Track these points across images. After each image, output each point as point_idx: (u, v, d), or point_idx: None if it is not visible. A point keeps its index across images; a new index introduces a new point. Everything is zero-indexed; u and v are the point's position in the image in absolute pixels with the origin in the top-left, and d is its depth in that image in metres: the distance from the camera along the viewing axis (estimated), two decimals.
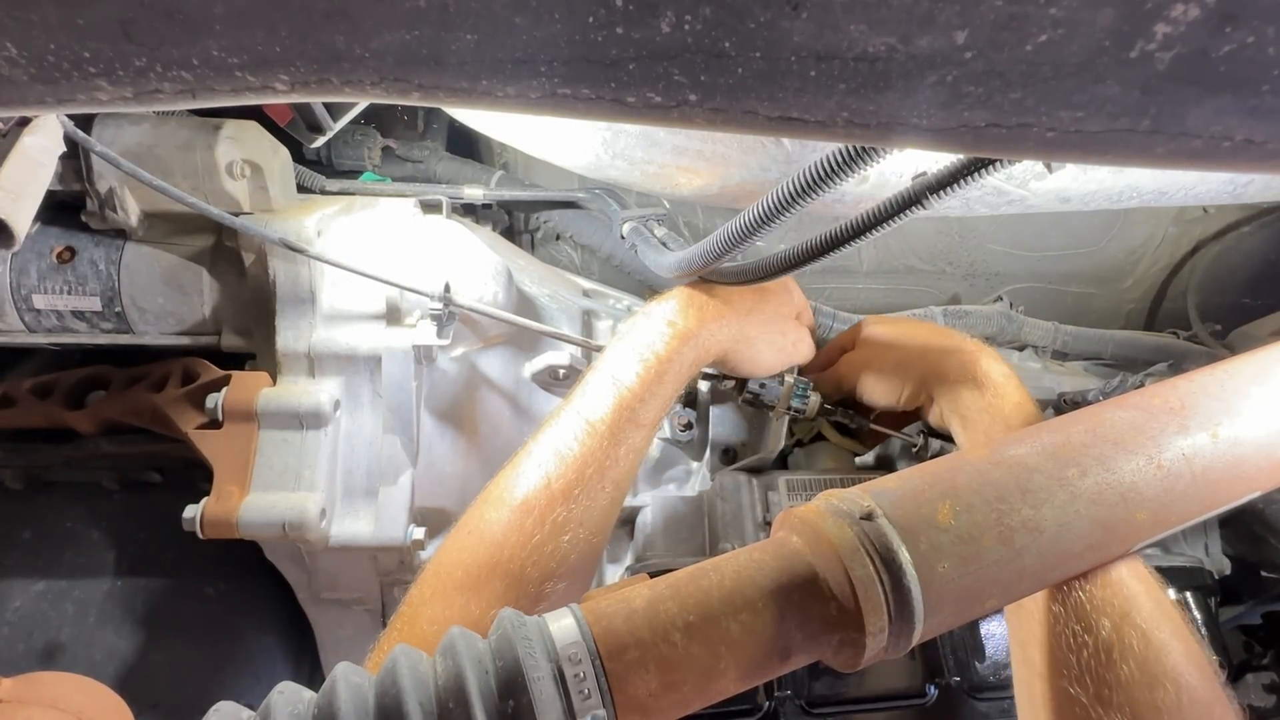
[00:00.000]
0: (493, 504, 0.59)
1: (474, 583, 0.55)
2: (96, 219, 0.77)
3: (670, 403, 0.67)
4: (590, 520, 0.60)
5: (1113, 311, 1.15)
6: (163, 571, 0.85)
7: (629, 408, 0.62)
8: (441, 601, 0.54)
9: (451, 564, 0.57)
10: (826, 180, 0.48)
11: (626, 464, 0.63)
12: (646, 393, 0.63)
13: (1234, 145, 0.29)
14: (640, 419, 0.63)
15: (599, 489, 0.61)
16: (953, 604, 0.41)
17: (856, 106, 0.29)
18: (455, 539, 0.59)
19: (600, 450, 0.61)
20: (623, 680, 0.36)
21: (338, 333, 0.78)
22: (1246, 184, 0.65)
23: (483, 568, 0.55)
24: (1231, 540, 0.87)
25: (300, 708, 0.35)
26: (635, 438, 0.63)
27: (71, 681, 0.41)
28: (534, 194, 0.95)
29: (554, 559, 0.57)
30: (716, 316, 0.69)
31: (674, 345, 0.65)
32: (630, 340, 0.66)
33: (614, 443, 0.61)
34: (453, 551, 0.58)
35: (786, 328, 0.76)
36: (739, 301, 0.71)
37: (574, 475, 0.59)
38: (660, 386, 0.64)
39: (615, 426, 0.62)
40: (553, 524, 0.57)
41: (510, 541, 0.56)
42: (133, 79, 0.30)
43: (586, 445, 0.61)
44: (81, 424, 0.81)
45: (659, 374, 0.64)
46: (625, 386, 0.63)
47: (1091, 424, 0.48)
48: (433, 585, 0.56)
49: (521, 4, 0.27)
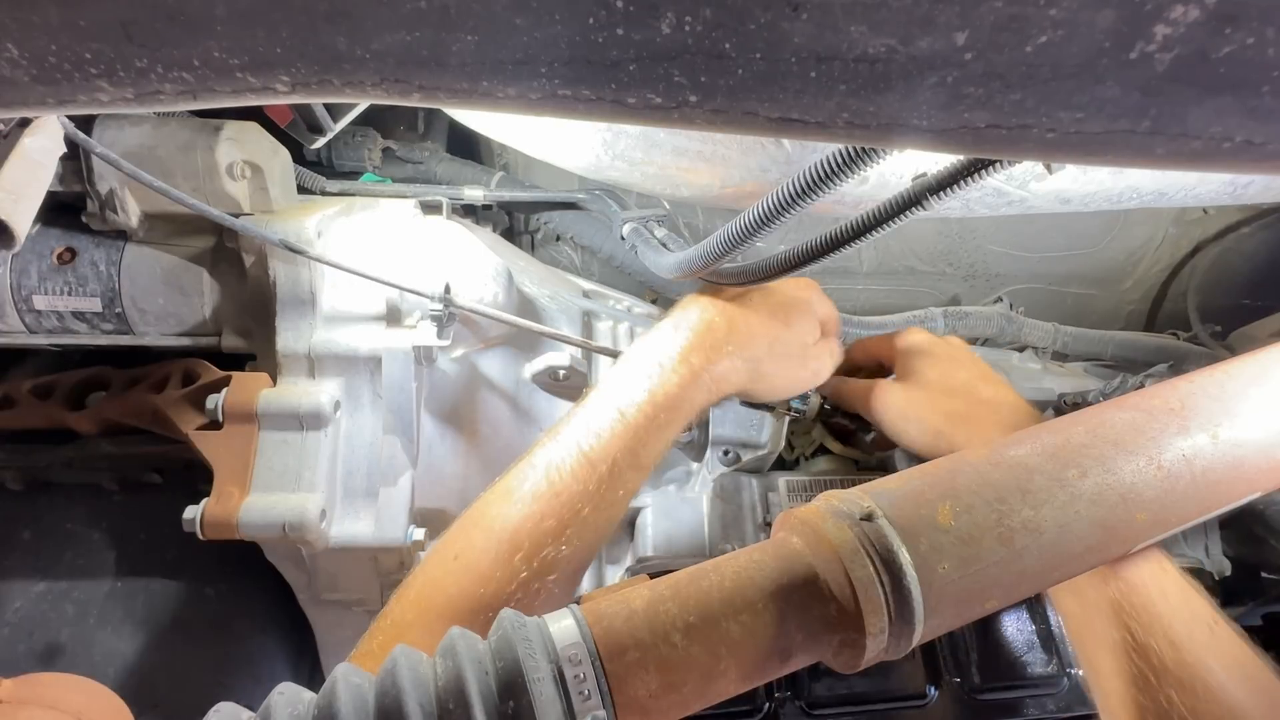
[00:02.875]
0: (481, 530, 0.58)
1: (456, 614, 0.54)
2: (97, 220, 0.77)
3: (671, 443, 0.65)
4: (577, 558, 0.59)
5: (1113, 312, 1.15)
6: (163, 572, 0.85)
7: (631, 450, 0.60)
8: (423, 627, 0.54)
9: (434, 589, 0.56)
10: (827, 181, 0.48)
11: (621, 505, 0.62)
12: (651, 434, 0.61)
13: (1234, 146, 0.29)
14: (641, 460, 0.61)
15: (590, 529, 0.59)
16: (953, 605, 0.41)
17: (857, 107, 0.29)
18: (440, 561, 0.57)
19: (597, 492, 0.59)
20: (623, 681, 0.36)
21: (338, 334, 0.78)
22: (1246, 185, 0.65)
23: (467, 600, 0.54)
24: (1232, 541, 0.87)
25: (300, 708, 0.35)
26: (633, 481, 0.62)
27: (71, 682, 0.41)
28: (534, 195, 0.95)
29: (538, 597, 0.56)
30: (731, 355, 0.65)
31: (685, 385, 0.62)
32: (642, 368, 0.63)
33: (612, 485, 0.60)
34: (437, 574, 0.56)
35: (808, 356, 0.72)
36: (760, 334, 0.67)
37: (569, 514, 0.58)
38: (665, 429, 0.62)
39: (615, 469, 0.59)
40: (541, 562, 0.56)
41: (496, 577, 0.55)
42: (134, 80, 0.30)
43: (585, 485, 0.59)
44: (82, 425, 0.81)
45: (668, 416, 0.62)
46: (630, 424, 0.60)
47: (1091, 425, 0.48)
48: (415, 608, 0.55)
49: (522, 5, 0.27)
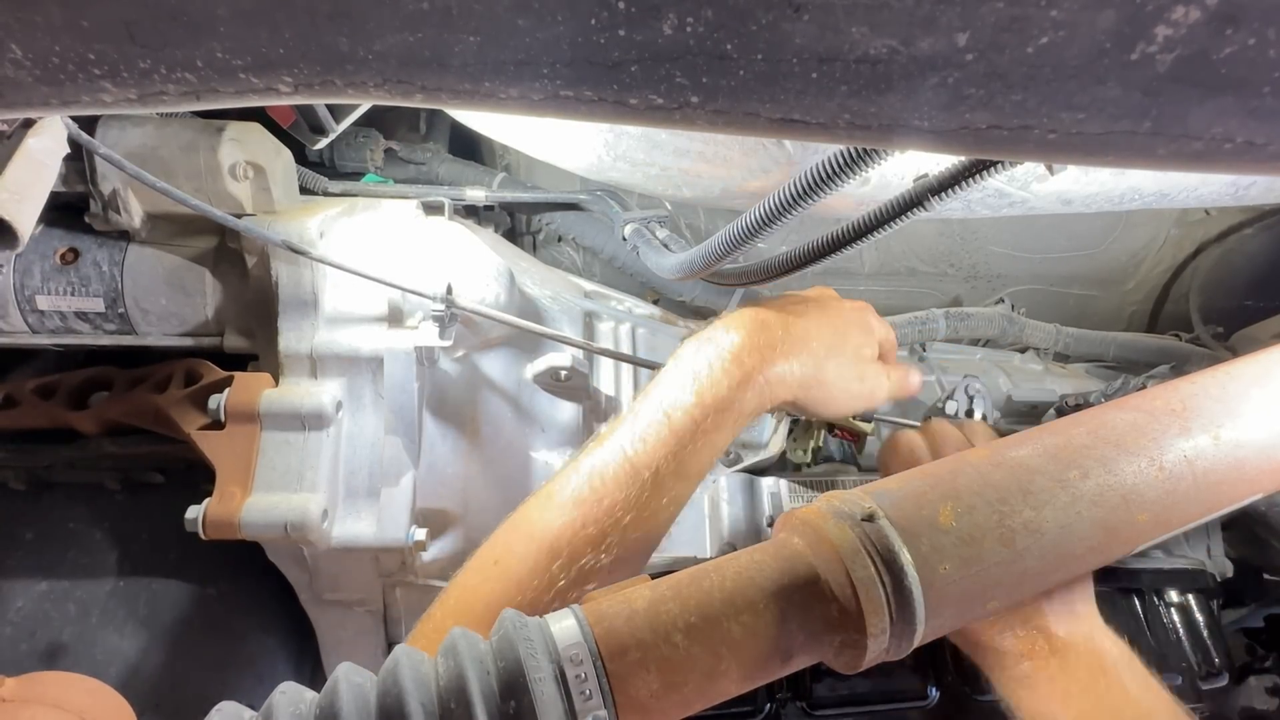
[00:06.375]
0: (522, 535, 0.56)
1: (494, 618, 0.53)
2: (100, 220, 0.77)
3: (722, 450, 0.61)
4: (617, 570, 0.55)
5: (1115, 314, 1.15)
6: (165, 572, 0.85)
7: (677, 457, 0.57)
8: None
9: (473, 593, 0.55)
10: (828, 182, 0.49)
11: (664, 516, 0.58)
12: (699, 439, 0.58)
13: (1235, 147, 0.29)
14: (687, 468, 0.58)
15: (633, 538, 0.56)
16: (954, 605, 0.41)
17: (858, 108, 0.30)
18: (480, 567, 0.56)
19: (640, 500, 0.56)
20: (624, 681, 0.36)
21: (340, 334, 0.78)
22: (1248, 186, 0.65)
23: (504, 606, 0.53)
24: (1234, 543, 0.87)
25: (302, 708, 0.35)
26: (678, 489, 0.58)
27: (74, 681, 0.41)
28: (536, 196, 0.95)
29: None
30: (787, 356, 0.61)
31: (737, 387, 0.59)
32: (690, 370, 0.60)
33: (656, 494, 0.57)
34: (475, 578, 0.56)
35: (866, 371, 0.67)
36: (816, 340, 0.63)
37: (609, 522, 0.55)
38: (715, 435, 0.59)
39: (660, 476, 0.57)
40: (579, 570, 0.54)
41: (533, 585, 0.54)
42: (137, 80, 0.30)
43: (628, 492, 0.56)
44: (84, 425, 0.81)
45: (716, 420, 0.58)
46: (676, 428, 0.57)
47: (1093, 426, 0.48)
48: (455, 612, 0.54)
49: (524, 6, 0.27)
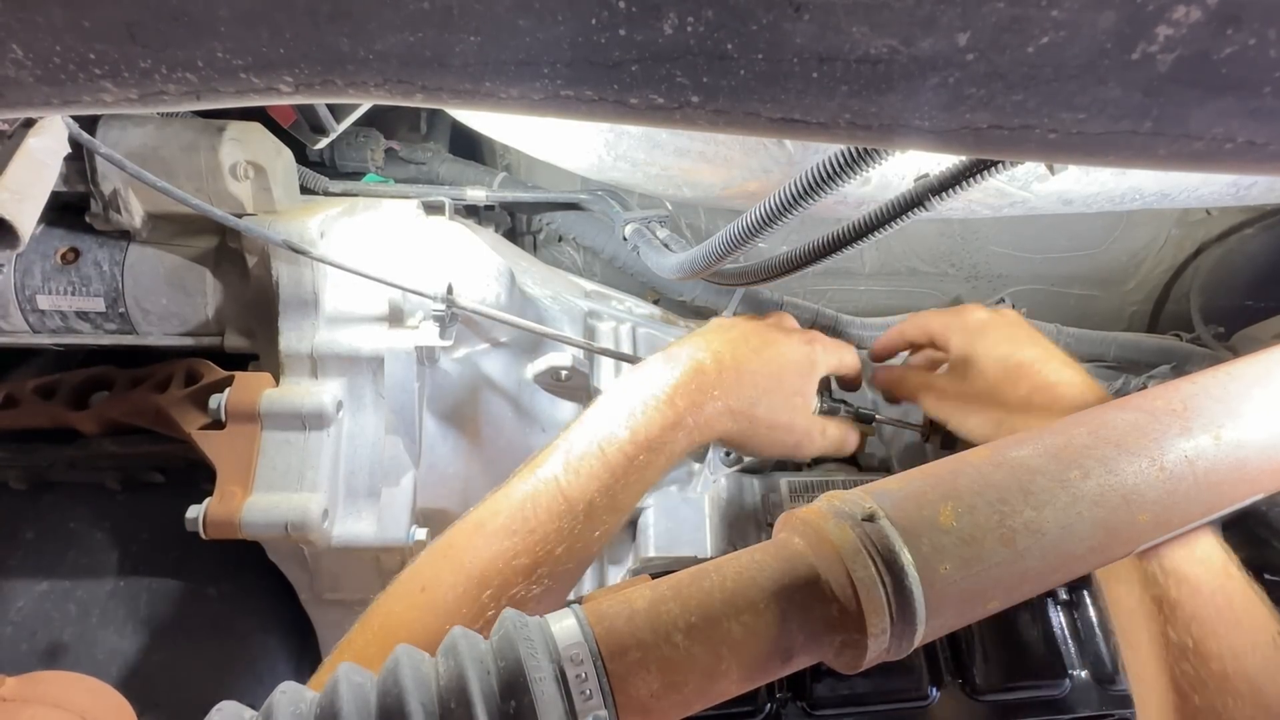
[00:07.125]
0: (451, 564, 0.56)
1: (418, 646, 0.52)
2: (100, 220, 0.77)
3: (651, 485, 0.64)
4: (547, 599, 0.57)
5: (1115, 314, 1.15)
6: (165, 572, 0.85)
7: (609, 490, 0.59)
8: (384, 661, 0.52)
9: (397, 619, 0.54)
10: (829, 182, 0.49)
11: (595, 547, 0.60)
12: (632, 475, 0.60)
13: (1236, 147, 0.29)
14: (619, 501, 0.60)
15: (563, 569, 0.58)
16: (955, 606, 0.41)
17: (859, 108, 0.30)
18: (406, 593, 0.56)
19: (573, 532, 0.58)
20: (624, 681, 0.36)
21: (340, 334, 0.78)
22: (1249, 186, 0.65)
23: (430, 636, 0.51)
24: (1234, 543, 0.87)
25: (302, 707, 0.35)
26: (610, 522, 0.61)
27: (75, 681, 0.41)
28: (536, 196, 0.95)
29: None
30: (719, 398, 0.64)
31: (669, 428, 0.62)
32: (627, 403, 0.62)
33: (589, 525, 0.59)
34: (400, 605, 0.55)
35: (797, 421, 0.69)
36: (750, 384, 0.65)
37: (541, 553, 0.56)
38: (647, 471, 0.61)
39: (594, 509, 0.59)
40: (510, 600, 0.55)
41: (460, 613, 0.54)
42: (138, 80, 0.30)
43: (561, 524, 0.57)
44: (85, 424, 0.81)
45: (648, 458, 0.61)
46: (610, 462, 0.60)
47: (1094, 426, 0.48)
48: (378, 639, 0.53)
49: (525, 6, 0.27)
